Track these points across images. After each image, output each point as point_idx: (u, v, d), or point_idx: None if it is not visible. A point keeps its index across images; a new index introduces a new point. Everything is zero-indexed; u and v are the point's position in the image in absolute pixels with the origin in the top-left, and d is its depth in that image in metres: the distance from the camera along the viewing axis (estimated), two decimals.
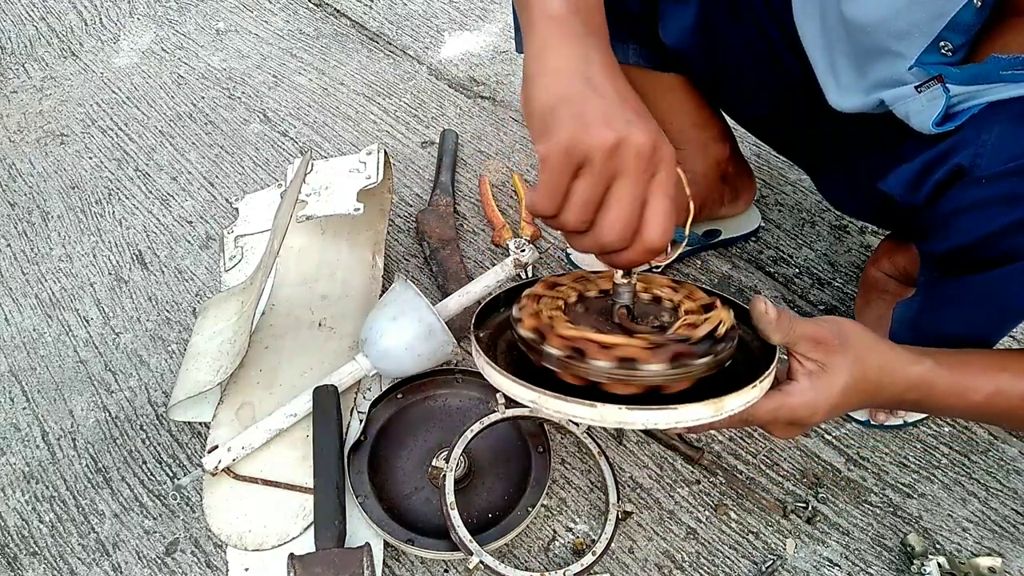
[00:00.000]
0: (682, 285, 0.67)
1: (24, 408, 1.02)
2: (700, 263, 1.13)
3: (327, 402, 0.89)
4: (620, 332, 0.59)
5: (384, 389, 0.94)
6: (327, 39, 1.53)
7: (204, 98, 1.43)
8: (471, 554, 0.76)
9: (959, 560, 0.82)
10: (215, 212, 1.23)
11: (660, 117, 0.98)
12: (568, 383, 0.57)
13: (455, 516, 0.78)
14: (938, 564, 0.80)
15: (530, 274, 1.04)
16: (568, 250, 1.14)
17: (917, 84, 0.64)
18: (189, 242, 1.19)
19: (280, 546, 0.85)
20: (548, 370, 0.58)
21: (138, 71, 1.49)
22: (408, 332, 0.87)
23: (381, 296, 0.96)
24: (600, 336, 0.56)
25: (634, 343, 0.55)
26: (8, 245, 1.22)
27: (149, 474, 0.95)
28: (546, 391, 0.55)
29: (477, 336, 0.64)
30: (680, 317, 0.61)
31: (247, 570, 0.85)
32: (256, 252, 1.13)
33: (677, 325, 0.59)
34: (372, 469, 0.88)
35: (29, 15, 1.63)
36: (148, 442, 0.97)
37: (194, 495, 0.92)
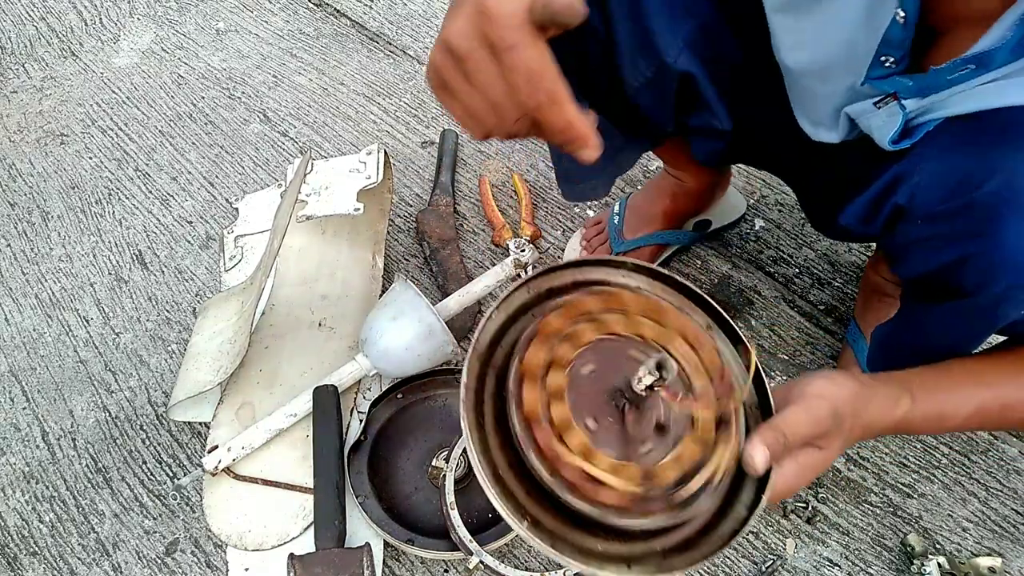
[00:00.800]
0: (698, 351, 0.58)
1: (24, 408, 1.02)
2: (700, 263, 1.13)
3: (327, 402, 0.89)
4: (617, 431, 0.53)
5: (384, 389, 0.94)
6: (327, 39, 1.53)
7: (204, 98, 1.43)
8: (471, 554, 0.76)
9: (959, 560, 0.82)
10: (215, 212, 1.23)
11: (656, 151, 1.02)
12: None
13: (455, 516, 0.78)
14: (938, 564, 0.80)
15: (530, 274, 1.04)
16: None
17: (876, 100, 0.66)
18: (189, 242, 1.19)
19: (280, 546, 0.85)
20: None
21: (138, 71, 1.49)
22: (408, 332, 0.87)
23: (381, 296, 0.96)
24: (594, 472, 0.50)
25: (623, 490, 0.50)
26: (8, 245, 1.22)
27: (149, 474, 0.95)
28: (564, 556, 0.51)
29: (469, 421, 0.53)
30: (687, 427, 0.54)
31: (247, 570, 0.85)
32: (256, 252, 1.13)
33: (672, 461, 0.53)
34: (372, 469, 0.88)
35: (29, 15, 1.63)
36: (148, 442, 0.97)
37: (194, 495, 0.92)
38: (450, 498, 0.78)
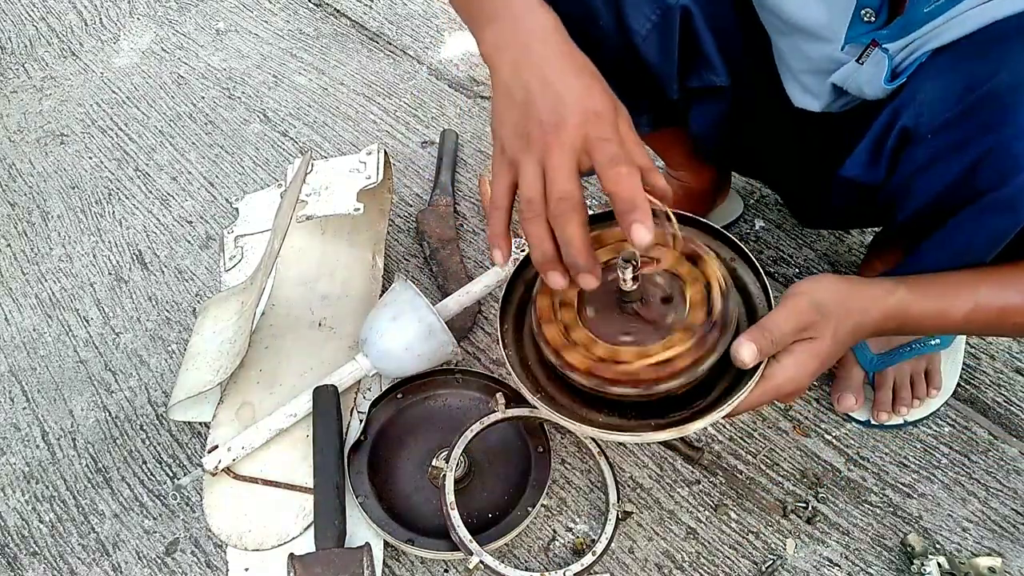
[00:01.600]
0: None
1: (24, 408, 1.02)
2: None
3: (327, 402, 0.89)
4: (630, 324, 0.65)
5: (384, 389, 0.94)
6: (327, 39, 1.53)
7: (204, 98, 1.43)
8: (471, 554, 0.76)
9: (959, 560, 0.82)
10: (215, 212, 1.23)
11: (656, 148, 1.03)
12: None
13: (455, 516, 0.78)
14: (938, 564, 0.80)
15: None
16: None
17: (856, 57, 0.67)
18: (189, 242, 1.19)
19: (280, 546, 0.85)
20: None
21: (138, 71, 1.49)
22: (408, 332, 0.87)
23: (381, 296, 0.96)
24: (616, 358, 0.63)
25: (644, 367, 0.62)
26: (8, 245, 1.22)
27: (149, 474, 0.95)
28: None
29: (504, 342, 0.70)
30: (681, 287, 0.66)
31: (247, 570, 0.85)
32: (256, 252, 1.13)
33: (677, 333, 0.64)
34: (372, 469, 0.88)
35: (29, 15, 1.63)
36: (148, 442, 0.97)
37: (194, 495, 0.92)
38: (450, 498, 0.78)
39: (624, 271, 0.62)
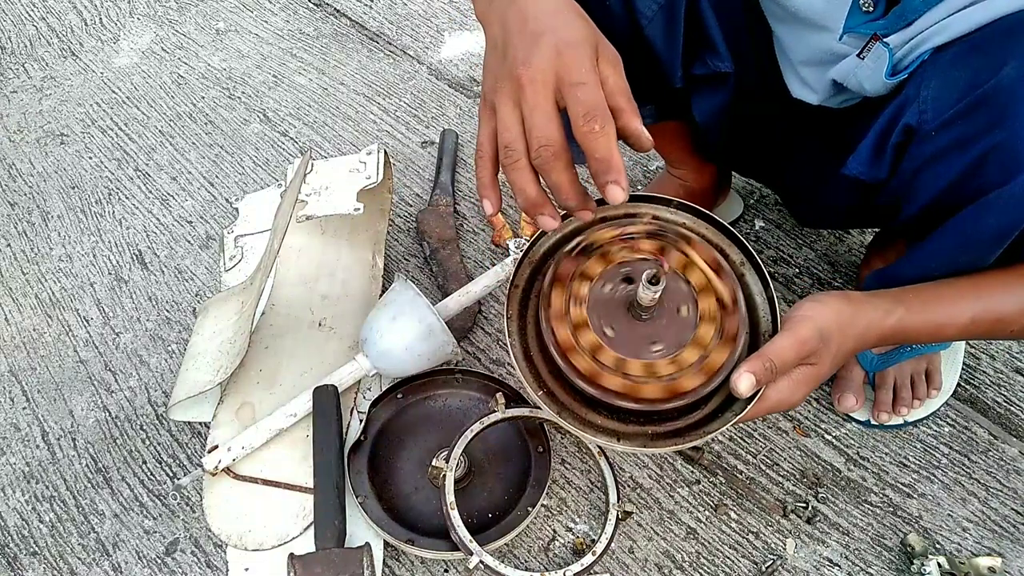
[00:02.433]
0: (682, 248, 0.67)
1: (24, 408, 1.02)
2: None
3: (327, 402, 0.89)
4: (639, 331, 0.64)
5: (384, 389, 0.94)
6: (327, 39, 1.53)
7: (204, 98, 1.43)
8: (471, 554, 0.76)
9: (959, 560, 0.82)
10: (215, 212, 1.23)
11: (657, 145, 1.03)
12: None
13: (455, 516, 0.78)
14: (938, 564, 0.80)
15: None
16: None
17: (858, 52, 0.67)
18: (189, 242, 1.19)
19: (280, 546, 0.85)
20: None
21: (138, 71, 1.49)
22: (408, 332, 0.87)
23: (381, 296, 0.96)
24: (623, 369, 0.63)
25: (649, 388, 0.62)
26: (8, 245, 1.22)
27: (149, 474, 0.95)
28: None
29: (508, 330, 0.67)
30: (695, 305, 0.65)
31: (247, 570, 0.85)
32: (256, 252, 1.13)
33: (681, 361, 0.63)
34: (372, 469, 0.88)
35: (29, 15, 1.63)
36: (148, 442, 0.97)
37: (194, 495, 0.92)
38: (450, 498, 0.78)
39: (647, 290, 0.60)
